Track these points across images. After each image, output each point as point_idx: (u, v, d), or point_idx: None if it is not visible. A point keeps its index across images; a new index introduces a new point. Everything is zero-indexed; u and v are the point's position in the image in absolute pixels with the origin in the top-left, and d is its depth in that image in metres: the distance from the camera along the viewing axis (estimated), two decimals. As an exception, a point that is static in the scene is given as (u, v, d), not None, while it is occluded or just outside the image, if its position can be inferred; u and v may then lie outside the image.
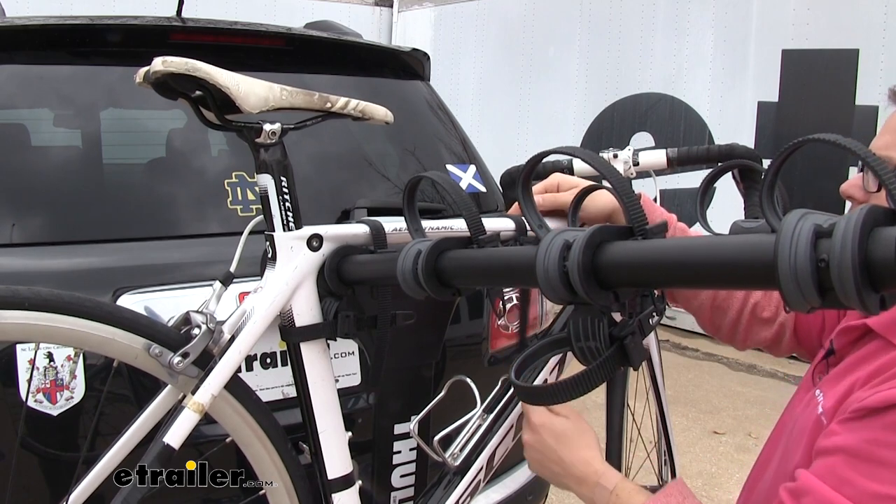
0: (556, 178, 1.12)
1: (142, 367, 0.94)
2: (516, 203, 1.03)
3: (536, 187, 1.12)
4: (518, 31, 5.92)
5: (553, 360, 1.22)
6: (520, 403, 1.17)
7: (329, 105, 1.00)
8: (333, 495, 1.03)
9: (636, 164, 1.35)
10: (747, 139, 4.49)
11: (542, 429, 0.96)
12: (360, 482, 1.07)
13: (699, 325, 1.19)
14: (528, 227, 1.02)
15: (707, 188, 0.88)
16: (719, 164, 1.09)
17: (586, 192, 0.94)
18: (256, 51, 1.65)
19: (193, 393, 0.91)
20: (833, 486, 0.71)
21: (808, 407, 0.89)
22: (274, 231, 0.98)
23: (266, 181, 0.98)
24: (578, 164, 1.37)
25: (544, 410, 0.97)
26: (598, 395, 1.10)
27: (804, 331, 1.09)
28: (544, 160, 1.05)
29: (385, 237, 1.02)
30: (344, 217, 1.50)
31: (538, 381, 1.17)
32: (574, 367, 0.72)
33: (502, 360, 1.65)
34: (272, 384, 1.35)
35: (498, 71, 6.10)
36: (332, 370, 1.04)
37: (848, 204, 0.92)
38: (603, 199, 1.08)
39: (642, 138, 5.04)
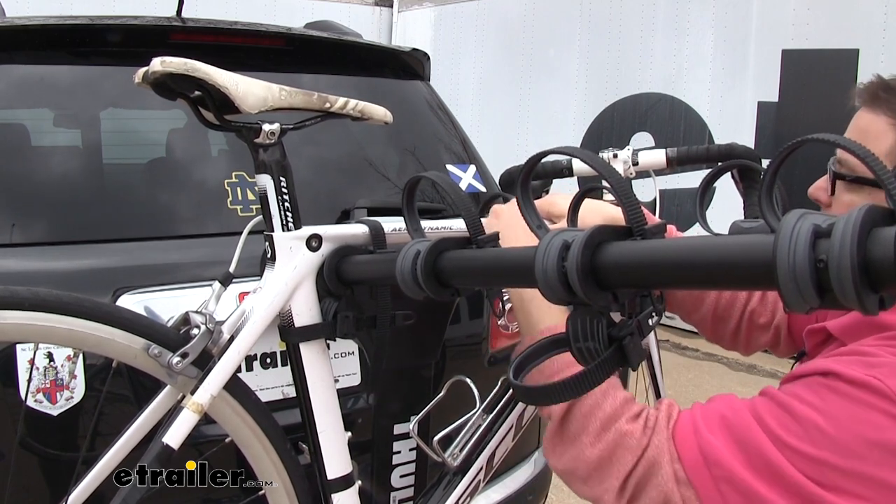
0: (552, 199, 1.13)
1: (141, 367, 0.94)
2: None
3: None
4: (518, 31, 5.92)
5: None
6: (520, 404, 1.17)
7: (328, 105, 1.00)
8: (333, 495, 1.03)
9: (636, 163, 1.35)
10: (747, 139, 4.49)
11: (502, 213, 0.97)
12: (359, 482, 1.07)
13: (702, 335, 1.20)
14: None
15: (706, 188, 0.88)
16: (719, 164, 1.09)
17: (586, 192, 0.94)
18: (256, 51, 1.65)
19: (193, 393, 0.91)
20: (748, 409, 0.74)
21: None
22: (273, 231, 0.98)
23: (265, 181, 0.98)
24: (578, 165, 1.37)
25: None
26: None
27: (798, 332, 1.10)
28: (544, 160, 1.05)
29: (384, 237, 1.02)
30: (344, 217, 1.50)
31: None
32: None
33: (502, 360, 1.65)
34: (272, 384, 1.35)
35: (498, 71, 6.09)
36: (331, 370, 1.04)
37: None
38: (601, 214, 1.08)
39: (642, 138, 5.04)
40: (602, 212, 1.07)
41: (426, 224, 0.99)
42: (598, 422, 0.77)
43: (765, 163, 0.75)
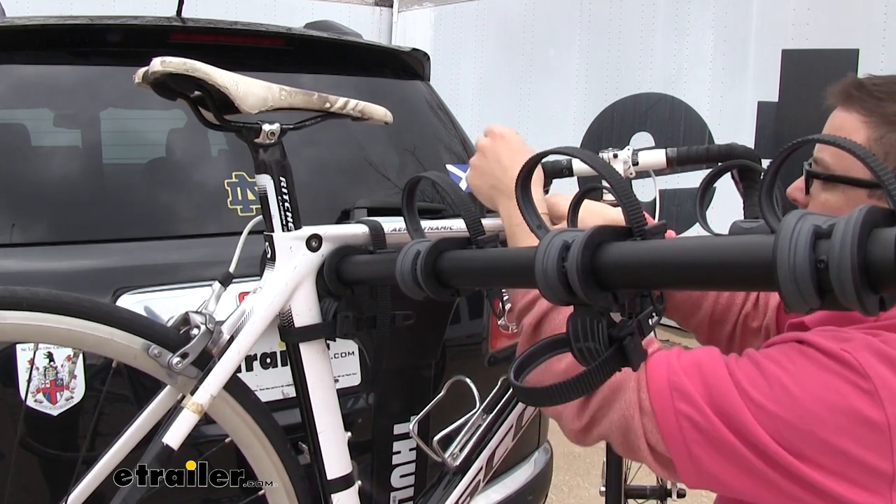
0: (552, 199, 1.13)
1: (141, 367, 0.94)
2: None
3: None
4: (518, 32, 5.92)
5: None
6: (519, 404, 1.17)
7: (328, 105, 1.00)
8: (333, 495, 1.03)
9: (636, 164, 1.35)
10: (747, 139, 4.49)
11: (502, 139, 1.01)
12: (359, 482, 1.07)
13: (698, 340, 1.20)
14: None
15: (706, 188, 0.88)
16: (719, 164, 1.09)
17: (586, 192, 0.93)
18: (256, 51, 1.65)
19: (192, 393, 0.91)
20: (723, 361, 0.76)
21: None
22: (273, 231, 0.98)
23: (265, 181, 0.98)
24: (577, 165, 1.37)
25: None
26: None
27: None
28: (543, 160, 1.05)
29: (384, 237, 1.02)
30: (344, 217, 1.50)
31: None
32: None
33: (502, 360, 1.65)
34: (272, 384, 1.35)
35: (498, 71, 6.09)
36: (331, 370, 1.04)
37: None
38: (601, 216, 1.08)
39: (642, 138, 5.04)
40: (603, 214, 1.07)
41: (426, 224, 0.99)
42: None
43: (765, 163, 0.75)
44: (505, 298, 1.15)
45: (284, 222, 0.98)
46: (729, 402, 0.72)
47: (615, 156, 1.34)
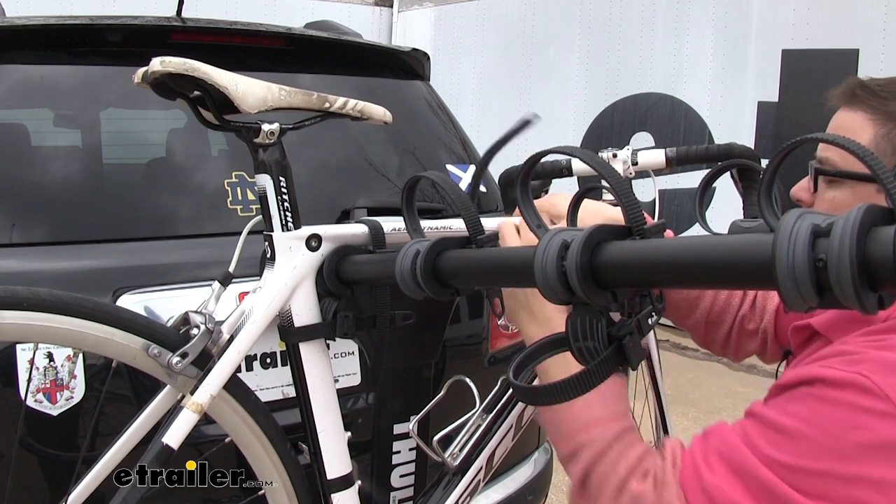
0: (552, 199, 1.12)
1: (141, 367, 0.94)
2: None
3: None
4: (518, 32, 5.92)
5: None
6: (519, 404, 1.17)
7: (328, 105, 1.00)
8: (333, 495, 1.03)
9: (635, 163, 1.35)
10: (747, 139, 4.49)
11: None
12: (359, 482, 1.07)
13: (694, 340, 1.20)
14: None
15: (706, 188, 0.88)
16: (718, 163, 1.09)
17: (586, 192, 0.93)
18: (256, 51, 1.65)
19: (192, 393, 0.91)
20: (737, 433, 0.74)
21: None
22: (273, 231, 0.98)
23: (264, 181, 0.98)
24: (577, 164, 1.37)
25: None
26: (598, 395, 1.10)
27: (784, 337, 1.10)
28: (543, 160, 1.05)
29: (384, 237, 1.02)
30: (343, 217, 1.50)
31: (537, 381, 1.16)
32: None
33: (502, 360, 1.65)
34: (272, 384, 1.35)
35: (498, 71, 6.09)
36: (331, 370, 1.04)
37: None
38: (601, 215, 1.07)
39: (642, 138, 5.04)
40: (602, 213, 1.07)
41: (426, 224, 0.99)
42: (613, 487, 0.77)
43: (764, 162, 0.75)
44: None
45: (284, 222, 0.98)
46: (760, 480, 0.70)
47: (614, 155, 1.34)
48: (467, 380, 1.17)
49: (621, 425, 0.81)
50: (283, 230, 0.98)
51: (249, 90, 0.91)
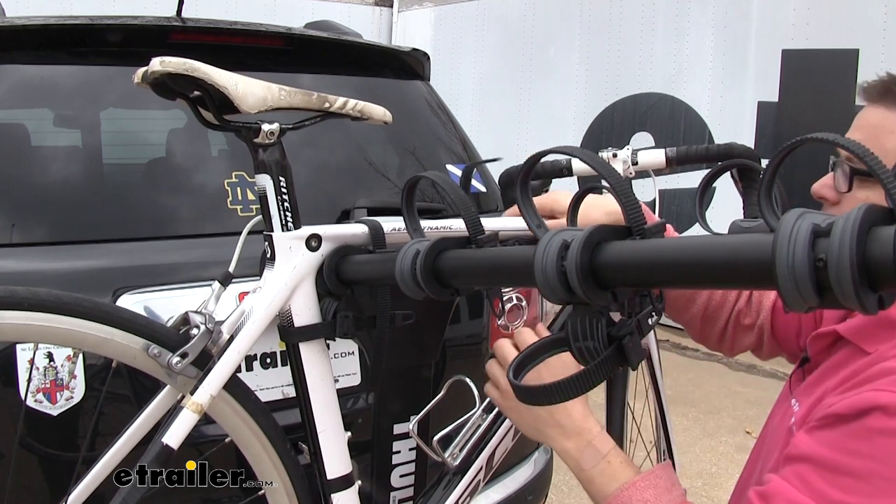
0: (554, 195, 1.11)
1: (140, 367, 0.94)
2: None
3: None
4: (518, 32, 5.92)
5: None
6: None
7: (327, 105, 1.00)
8: (333, 495, 1.03)
9: (635, 163, 1.35)
10: (747, 139, 4.49)
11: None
12: (359, 482, 1.07)
13: (689, 335, 1.20)
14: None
15: (706, 188, 0.88)
16: (718, 163, 1.09)
17: (586, 191, 0.93)
18: (256, 51, 1.65)
19: (192, 393, 0.91)
20: (800, 489, 0.71)
21: (784, 416, 0.89)
22: (273, 231, 0.98)
23: (264, 181, 0.98)
24: (577, 164, 1.37)
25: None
26: (598, 394, 1.10)
27: (781, 334, 1.10)
28: (543, 160, 1.05)
29: (384, 237, 1.02)
30: (344, 217, 1.50)
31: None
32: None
33: (502, 360, 1.65)
34: (272, 384, 1.35)
35: (498, 71, 6.10)
36: (331, 370, 1.04)
37: None
38: (603, 209, 1.07)
39: (642, 138, 5.04)
40: (604, 207, 1.06)
41: (426, 224, 0.99)
42: None
43: (764, 163, 0.75)
44: (505, 298, 1.15)
45: (284, 222, 0.98)
46: None
47: (614, 155, 1.34)
48: (467, 380, 1.17)
49: None
50: (283, 230, 0.98)
51: (249, 90, 0.91)
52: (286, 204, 0.98)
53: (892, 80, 0.85)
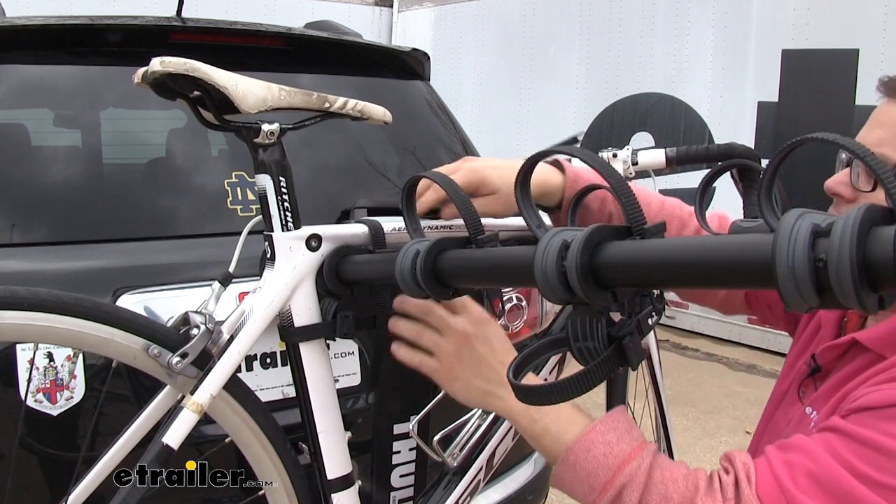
0: (475, 171, 1.01)
1: (140, 367, 0.94)
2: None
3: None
4: (518, 32, 5.92)
5: (553, 360, 1.22)
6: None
7: (327, 105, 0.99)
8: (333, 495, 1.03)
9: (635, 163, 1.35)
10: (747, 139, 4.49)
11: (474, 335, 0.87)
12: (359, 482, 1.07)
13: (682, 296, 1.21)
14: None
15: (706, 188, 0.88)
16: (718, 163, 1.09)
17: (586, 191, 0.93)
18: (256, 51, 1.65)
19: (192, 393, 0.91)
20: (831, 455, 0.70)
21: (799, 424, 0.89)
22: (273, 231, 0.98)
23: (264, 181, 0.98)
24: (577, 164, 1.37)
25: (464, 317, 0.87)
26: (598, 394, 1.10)
27: (753, 293, 1.10)
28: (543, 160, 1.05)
29: (384, 237, 1.02)
30: (344, 217, 1.50)
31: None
32: (574, 366, 0.72)
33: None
34: (272, 384, 1.35)
35: (498, 71, 6.10)
36: (331, 370, 1.04)
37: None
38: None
39: (642, 138, 5.04)
40: (514, 167, 1.01)
41: (425, 224, 0.99)
42: None
43: (764, 162, 0.75)
44: (505, 299, 1.15)
45: (284, 222, 0.98)
46: (861, 501, 0.66)
47: (614, 155, 1.35)
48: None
49: (649, 450, 0.79)
50: (283, 230, 0.98)
51: (249, 90, 0.91)
52: (286, 204, 0.98)
53: None
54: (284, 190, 0.98)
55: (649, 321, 0.66)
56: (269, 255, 0.99)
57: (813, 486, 0.69)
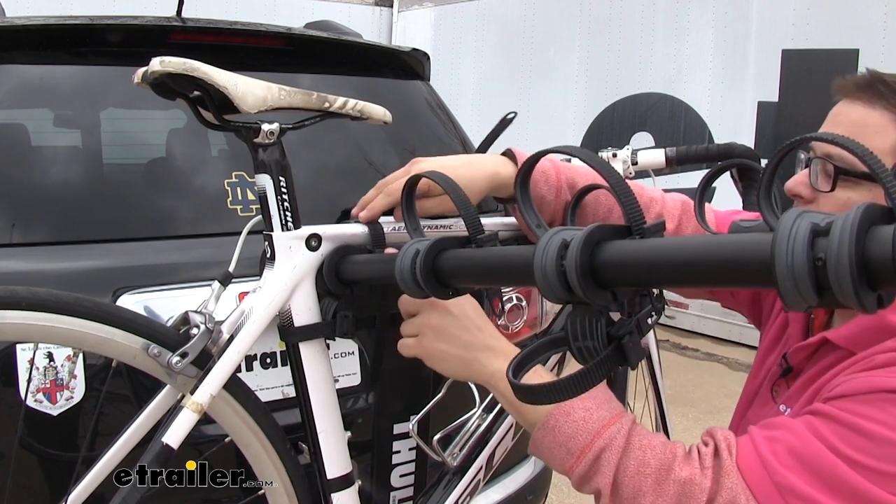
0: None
1: (140, 367, 0.94)
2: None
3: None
4: (518, 32, 5.92)
5: (553, 359, 1.22)
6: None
7: (327, 105, 1.00)
8: (333, 495, 1.03)
9: (635, 163, 1.35)
10: (747, 139, 4.49)
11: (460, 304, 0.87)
12: (359, 482, 1.07)
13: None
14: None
15: (706, 187, 0.88)
16: (718, 163, 1.09)
17: (586, 191, 0.94)
18: (256, 51, 1.65)
19: (192, 393, 0.91)
20: (813, 434, 0.71)
21: None
22: (272, 231, 0.98)
23: (264, 181, 0.98)
24: (577, 164, 1.37)
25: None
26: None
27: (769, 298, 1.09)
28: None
29: (384, 237, 1.02)
30: (344, 217, 1.50)
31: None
32: (574, 365, 0.72)
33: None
34: (272, 384, 1.35)
35: (498, 71, 6.10)
36: (331, 370, 1.04)
37: None
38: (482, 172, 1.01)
39: (642, 138, 5.04)
40: (485, 168, 1.01)
41: (425, 223, 0.99)
42: (653, 478, 0.74)
43: (764, 162, 0.75)
44: (505, 298, 1.15)
45: (284, 222, 0.98)
46: (845, 481, 0.68)
47: (614, 155, 1.35)
48: (467, 379, 1.17)
49: (628, 418, 0.80)
50: (282, 230, 0.98)
51: (249, 90, 0.91)
52: (286, 204, 0.98)
53: (877, 78, 0.84)
54: (284, 190, 0.98)
55: (649, 320, 0.66)
56: (268, 255, 0.99)
57: (795, 461, 0.70)
